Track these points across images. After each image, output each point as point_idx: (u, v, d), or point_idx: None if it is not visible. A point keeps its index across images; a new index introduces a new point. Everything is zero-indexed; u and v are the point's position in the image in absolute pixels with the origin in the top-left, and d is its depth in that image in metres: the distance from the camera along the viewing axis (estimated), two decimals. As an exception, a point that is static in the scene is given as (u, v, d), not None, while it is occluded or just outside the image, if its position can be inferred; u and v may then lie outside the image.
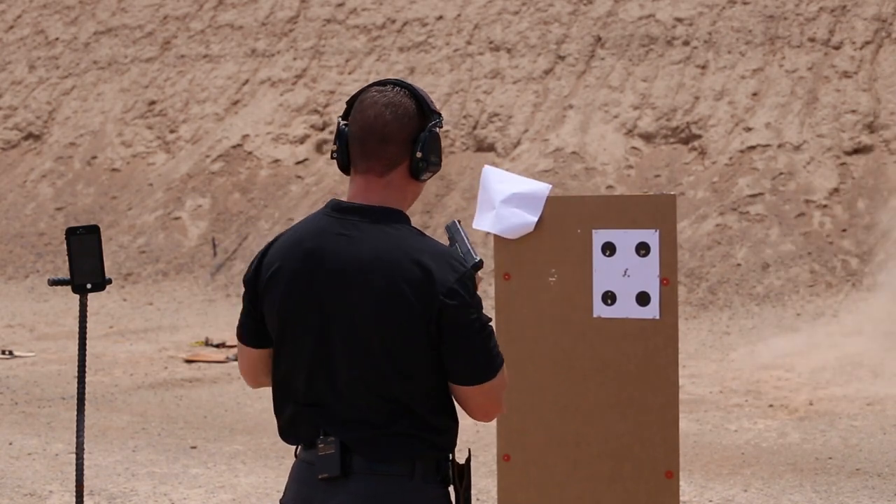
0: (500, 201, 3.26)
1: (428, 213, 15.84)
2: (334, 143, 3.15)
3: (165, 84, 19.41)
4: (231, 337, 12.84)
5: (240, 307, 3.27)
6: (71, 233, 4.69)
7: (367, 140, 3.05)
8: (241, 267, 15.56)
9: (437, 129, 3.11)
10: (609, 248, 3.19)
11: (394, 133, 3.04)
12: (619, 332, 3.18)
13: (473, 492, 7.32)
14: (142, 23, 20.33)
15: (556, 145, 16.11)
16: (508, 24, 17.80)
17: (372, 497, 2.99)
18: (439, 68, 17.74)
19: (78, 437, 4.83)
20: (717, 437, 8.90)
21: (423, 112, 3.07)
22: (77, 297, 4.81)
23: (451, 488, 3.12)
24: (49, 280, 4.91)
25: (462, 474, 3.12)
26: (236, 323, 3.29)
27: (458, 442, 3.10)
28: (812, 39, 16.09)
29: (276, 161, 17.62)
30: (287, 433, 3.13)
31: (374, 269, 2.98)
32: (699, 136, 15.69)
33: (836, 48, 15.96)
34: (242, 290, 3.21)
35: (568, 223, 3.21)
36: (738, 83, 16.00)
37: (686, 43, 16.64)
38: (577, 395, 3.20)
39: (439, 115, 3.13)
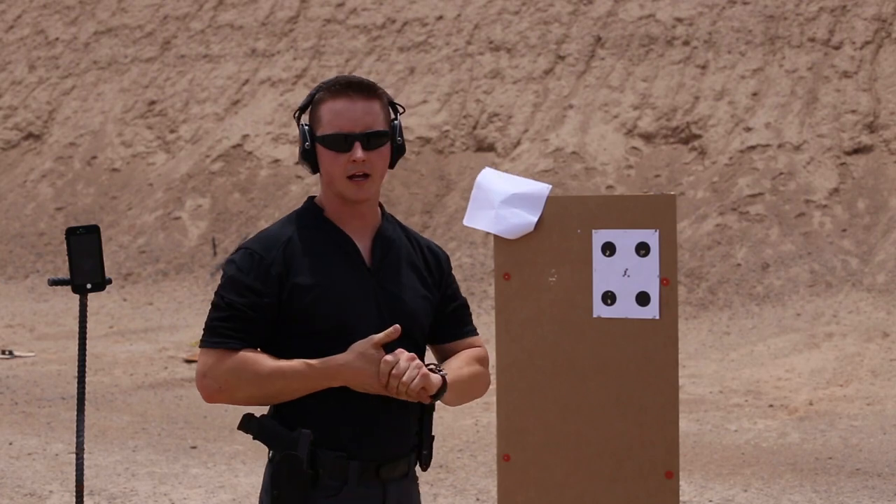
0: (500, 201, 3.25)
1: (428, 214, 15.84)
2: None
3: (165, 84, 19.40)
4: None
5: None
6: (71, 233, 4.69)
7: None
8: (241, 267, 15.52)
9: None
10: (609, 248, 3.18)
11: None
12: (619, 332, 3.17)
13: (473, 492, 7.31)
14: (142, 23, 20.33)
15: (556, 145, 16.11)
16: (508, 24, 17.79)
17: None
18: (439, 68, 17.73)
19: (78, 437, 4.83)
20: (717, 437, 8.90)
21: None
22: (77, 297, 4.81)
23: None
24: (49, 280, 4.91)
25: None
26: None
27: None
28: (812, 39, 16.08)
29: (276, 161, 17.61)
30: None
31: None
32: (699, 136, 15.69)
33: (836, 48, 15.95)
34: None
35: (568, 223, 3.21)
36: (738, 83, 15.99)
37: (686, 43, 16.64)
38: (577, 395, 3.20)
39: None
